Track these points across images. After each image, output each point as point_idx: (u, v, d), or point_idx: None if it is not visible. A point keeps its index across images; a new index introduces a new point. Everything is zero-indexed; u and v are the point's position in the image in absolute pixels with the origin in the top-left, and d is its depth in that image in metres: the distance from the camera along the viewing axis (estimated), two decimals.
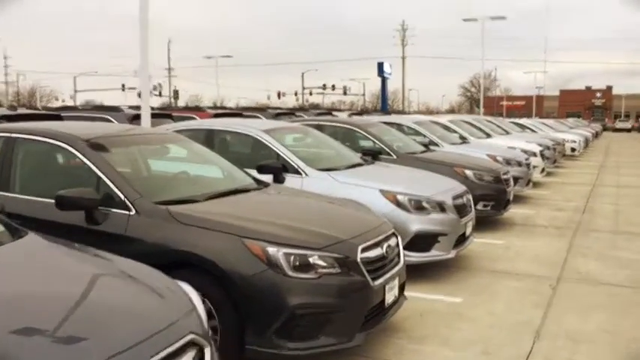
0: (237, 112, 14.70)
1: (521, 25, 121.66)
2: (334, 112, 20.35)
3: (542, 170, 15.28)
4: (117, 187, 4.38)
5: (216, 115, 13.71)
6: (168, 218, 4.21)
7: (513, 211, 10.59)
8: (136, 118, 10.70)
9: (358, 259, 4.18)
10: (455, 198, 6.77)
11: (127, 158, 5.18)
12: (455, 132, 14.59)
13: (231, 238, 4.03)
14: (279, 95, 75.04)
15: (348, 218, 4.89)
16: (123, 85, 70.98)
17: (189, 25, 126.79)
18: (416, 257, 6.29)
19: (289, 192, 5.51)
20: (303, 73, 76.07)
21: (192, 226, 4.14)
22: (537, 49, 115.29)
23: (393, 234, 4.88)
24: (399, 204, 6.35)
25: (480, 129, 16.75)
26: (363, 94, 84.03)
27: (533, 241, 8.57)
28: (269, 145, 6.98)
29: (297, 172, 6.74)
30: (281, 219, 4.38)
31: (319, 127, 10.07)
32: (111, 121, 11.64)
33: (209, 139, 7.33)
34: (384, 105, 62.07)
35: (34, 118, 10.03)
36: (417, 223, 6.33)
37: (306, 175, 6.70)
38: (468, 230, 6.95)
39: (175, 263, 4.02)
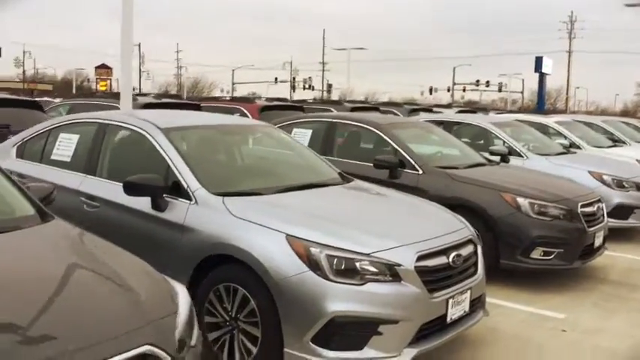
0: (292, 106, 12.38)
1: None
2: (437, 109, 17.29)
3: None
4: None
5: (265, 109, 11.70)
6: None
7: (614, 256, 7.31)
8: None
9: None
10: (427, 256, 3.93)
11: None
12: (566, 137, 11.20)
13: None
14: (430, 91, 71.70)
15: None
16: (276, 79, 72.16)
17: (348, 20, 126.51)
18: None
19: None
20: (454, 68, 71.80)
21: None
22: None
23: None
24: (310, 261, 3.70)
25: (610, 134, 13.02)
26: (522, 92, 77.49)
27: (613, 319, 5.37)
28: (160, 151, 4.62)
29: (187, 196, 4.33)
30: None
31: (331, 126, 7.59)
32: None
33: (99, 132, 5.12)
34: (540, 104, 56.94)
35: None
36: (336, 301, 3.64)
37: (195, 201, 4.26)
38: (457, 310, 4.07)
39: None
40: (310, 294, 3.65)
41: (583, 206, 6.26)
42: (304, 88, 72.21)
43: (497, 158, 8.30)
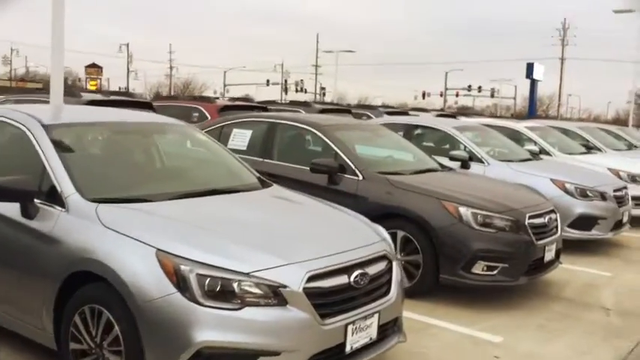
0: (254, 106, 11.89)
1: None
2: (412, 112, 16.75)
3: None
4: None
5: (224, 108, 11.24)
6: None
7: (573, 270, 6.86)
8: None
9: None
10: (321, 276, 3.38)
11: None
12: (535, 143, 10.72)
13: None
14: (423, 95, 71.33)
15: None
16: (267, 81, 71.54)
17: (344, 25, 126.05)
18: None
19: None
20: (446, 73, 71.32)
21: None
22: None
23: None
24: (179, 281, 3.17)
25: (585, 141, 12.54)
26: (514, 98, 77.01)
27: (555, 344, 4.85)
28: (38, 150, 4.05)
29: (60, 202, 3.78)
30: None
31: (272, 127, 7.07)
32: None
33: None
34: (531, 110, 56.56)
35: None
36: (205, 328, 3.09)
37: (67, 209, 3.72)
38: (359, 337, 3.51)
39: None
40: (176, 320, 3.13)
41: (532, 217, 5.74)
42: (296, 90, 71.72)
43: (457, 164, 7.84)
